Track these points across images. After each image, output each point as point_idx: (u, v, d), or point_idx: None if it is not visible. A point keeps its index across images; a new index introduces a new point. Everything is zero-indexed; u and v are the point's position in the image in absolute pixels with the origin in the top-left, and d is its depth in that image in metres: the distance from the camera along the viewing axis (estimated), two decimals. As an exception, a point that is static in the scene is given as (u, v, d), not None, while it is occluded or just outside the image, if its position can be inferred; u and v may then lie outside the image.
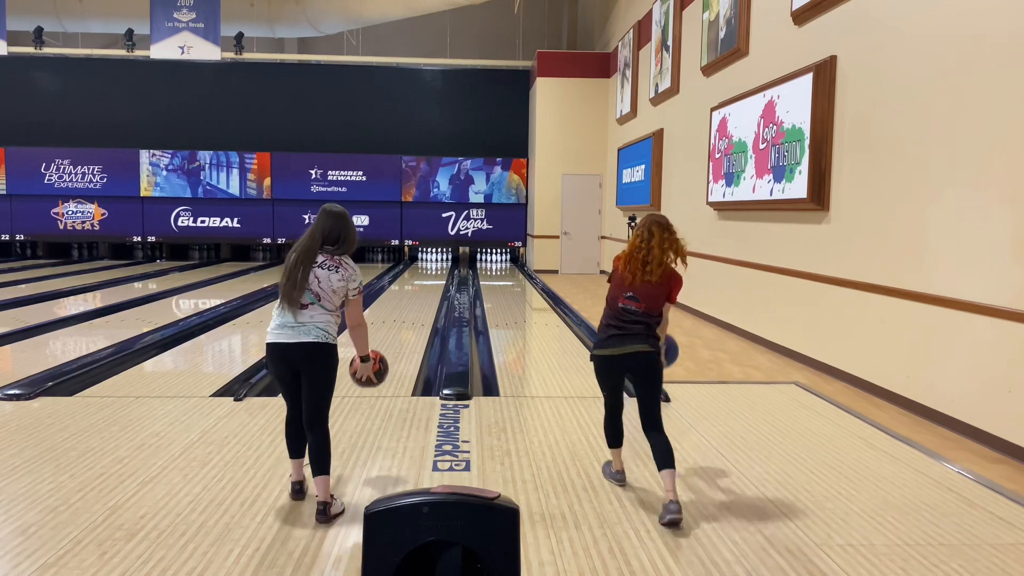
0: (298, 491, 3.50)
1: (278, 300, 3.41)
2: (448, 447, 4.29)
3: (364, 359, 3.55)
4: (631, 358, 3.51)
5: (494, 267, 17.25)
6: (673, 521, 3.26)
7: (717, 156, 8.77)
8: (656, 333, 3.56)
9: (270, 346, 3.38)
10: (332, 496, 3.33)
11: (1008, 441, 4.31)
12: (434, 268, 16.75)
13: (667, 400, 5.37)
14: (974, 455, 4.33)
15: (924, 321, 5.08)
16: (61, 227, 17.11)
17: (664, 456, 3.41)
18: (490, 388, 5.75)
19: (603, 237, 15.59)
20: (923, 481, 3.88)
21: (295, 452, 3.51)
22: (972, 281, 4.63)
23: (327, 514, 3.26)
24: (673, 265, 3.57)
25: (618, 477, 3.81)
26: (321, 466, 3.32)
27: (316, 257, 3.36)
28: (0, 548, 2.98)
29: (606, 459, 4.06)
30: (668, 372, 6.29)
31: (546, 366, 6.65)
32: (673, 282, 3.57)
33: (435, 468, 3.96)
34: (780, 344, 7.26)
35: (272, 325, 3.39)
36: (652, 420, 3.52)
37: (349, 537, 3.12)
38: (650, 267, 3.49)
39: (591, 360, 3.71)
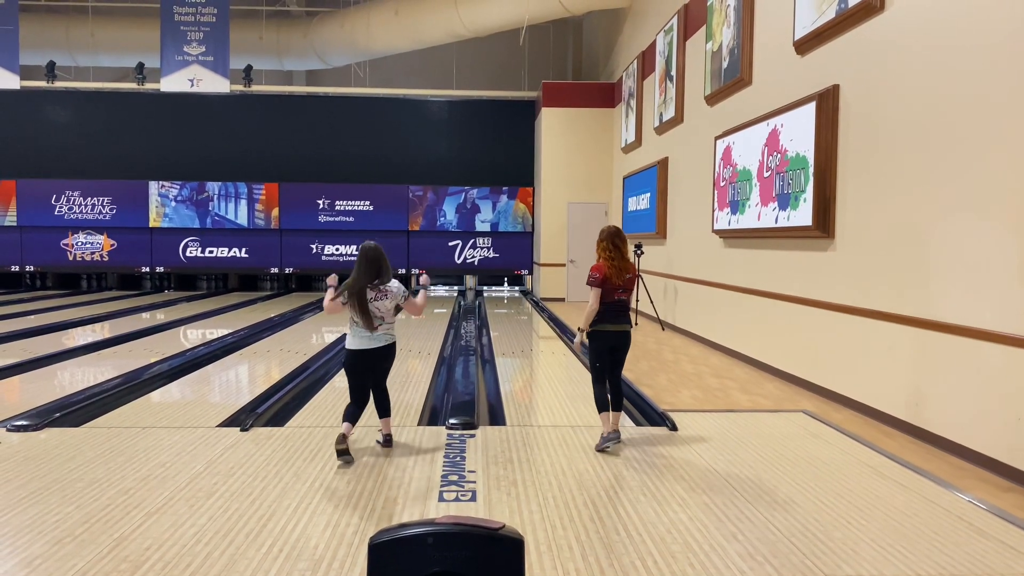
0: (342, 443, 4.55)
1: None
2: (454, 477, 4.27)
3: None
4: (624, 334, 4.98)
5: (501, 295, 17.27)
6: (603, 449, 4.75)
7: (722, 184, 8.81)
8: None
9: (355, 351, 4.73)
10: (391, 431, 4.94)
11: (1019, 470, 4.26)
12: (441, 296, 16.78)
13: (674, 429, 5.35)
14: (985, 484, 4.29)
15: (932, 348, 5.06)
16: (71, 258, 17.25)
17: (617, 400, 4.97)
18: (496, 417, 5.73)
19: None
20: (934, 510, 3.84)
21: (351, 420, 4.68)
22: (979, 307, 4.62)
23: (390, 443, 4.84)
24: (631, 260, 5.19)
25: (613, 438, 4.78)
26: (385, 411, 4.89)
27: (368, 295, 4.75)
28: (5, 580, 2.97)
29: (610, 479, 4.05)
30: (675, 401, 6.26)
31: (553, 395, 6.62)
32: (634, 271, 5.12)
33: (441, 499, 3.94)
34: (788, 372, 7.23)
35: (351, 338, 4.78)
36: (618, 376, 5.02)
37: (354, 568, 3.10)
38: (625, 270, 5.00)
39: (597, 335, 4.91)
